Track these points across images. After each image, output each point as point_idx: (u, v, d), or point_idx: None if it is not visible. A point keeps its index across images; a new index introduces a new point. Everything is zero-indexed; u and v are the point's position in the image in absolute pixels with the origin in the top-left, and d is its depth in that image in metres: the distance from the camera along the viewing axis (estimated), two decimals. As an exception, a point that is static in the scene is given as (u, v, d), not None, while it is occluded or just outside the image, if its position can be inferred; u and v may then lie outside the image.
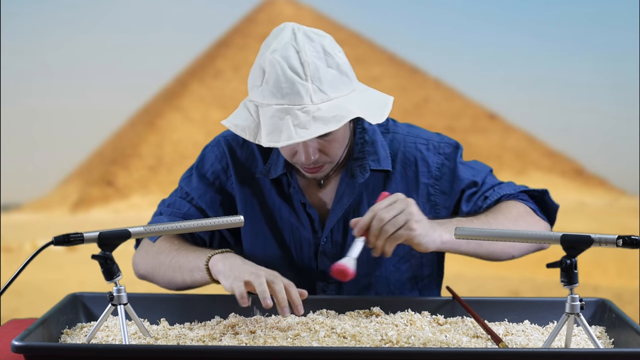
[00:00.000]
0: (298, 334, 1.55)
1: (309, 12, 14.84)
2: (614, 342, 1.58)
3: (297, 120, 1.70)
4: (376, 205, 1.72)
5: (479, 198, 1.94)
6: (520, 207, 1.92)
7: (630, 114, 10.90)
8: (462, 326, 1.65)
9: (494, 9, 13.51)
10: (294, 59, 1.73)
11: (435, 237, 1.74)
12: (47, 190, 12.69)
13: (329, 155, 1.83)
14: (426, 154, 1.95)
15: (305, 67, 1.73)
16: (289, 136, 1.69)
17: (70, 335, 1.62)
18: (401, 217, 1.70)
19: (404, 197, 1.73)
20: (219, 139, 2.01)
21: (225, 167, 1.98)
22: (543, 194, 1.97)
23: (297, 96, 1.72)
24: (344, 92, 1.76)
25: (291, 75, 1.72)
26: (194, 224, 1.61)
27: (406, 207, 1.70)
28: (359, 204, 1.93)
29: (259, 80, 1.75)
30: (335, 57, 1.77)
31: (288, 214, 1.95)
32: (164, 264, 1.87)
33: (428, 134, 1.99)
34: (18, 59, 12.10)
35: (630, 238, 1.43)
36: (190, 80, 14.18)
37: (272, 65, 1.73)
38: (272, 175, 1.93)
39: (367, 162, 1.91)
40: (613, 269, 7.58)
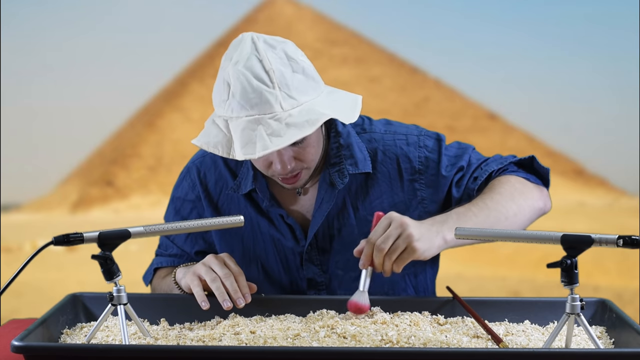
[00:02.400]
0: (298, 334, 1.55)
1: (309, 12, 14.85)
2: (614, 342, 1.58)
3: (270, 129, 1.67)
4: (372, 234, 1.68)
5: (469, 180, 1.90)
6: (512, 180, 1.86)
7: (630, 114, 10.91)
8: (463, 326, 1.65)
9: (494, 9, 13.52)
10: (257, 68, 1.70)
11: (439, 243, 1.71)
12: (47, 190, 12.70)
13: (305, 161, 1.80)
14: (406, 149, 1.91)
15: (271, 75, 1.69)
16: (264, 146, 1.67)
17: (70, 335, 1.62)
18: (400, 242, 1.66)
19: (398, 217, 1.68)
20: (189, 166, 2.00)
21: (198, 196, 1.97)
22: (531, 160, 1.92)
23: (266, 105, 1.69)
24: (312, 95, 1.73)
25: (257, 85, 1.69)
26: (194, 224, 1.61)
27: (402, 231, 1.66)
28: (342, 209, 1.90)
29: (225, 95, 1.72)
30: (300, 61, 1.74)
31: (267, 228, 1.93)
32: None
33: (406, 129, 1.95)
34: (18, 59, 12.11)
35: (631, 238, 1.43)
36: (190, 80, 14.18)
37: (236, 77, 1.69)
38: (243, 190, 1.91)
39: (344, 167, 1.88)
40: (613, 269, 7.59)
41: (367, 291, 1.68)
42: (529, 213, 1.85)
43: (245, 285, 1.72)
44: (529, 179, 1.90)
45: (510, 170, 1.90)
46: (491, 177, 1.89)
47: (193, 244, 1.98)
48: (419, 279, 1.97)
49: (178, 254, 1.98)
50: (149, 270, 2.02)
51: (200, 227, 1.61)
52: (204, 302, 1.70)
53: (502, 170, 1.90)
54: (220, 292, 1.69)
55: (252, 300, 1.72)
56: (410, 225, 1.67)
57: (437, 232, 1.71)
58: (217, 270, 1.72)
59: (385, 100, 12.96)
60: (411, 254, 1.67)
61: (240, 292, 1.70)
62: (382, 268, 1.68)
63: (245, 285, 1.72)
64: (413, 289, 1.96)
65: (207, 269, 1.73)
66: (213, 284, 1.70)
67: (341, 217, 1.90)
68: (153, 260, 2.03)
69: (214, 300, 1.71)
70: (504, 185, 1.84)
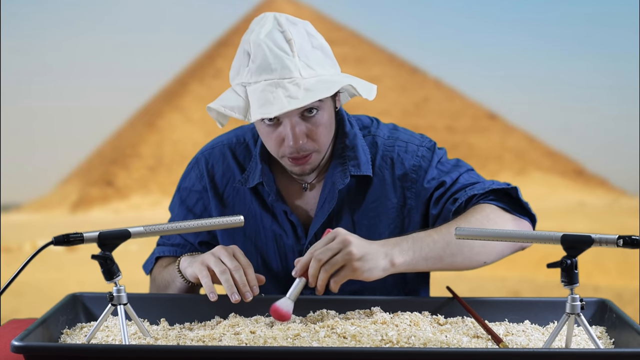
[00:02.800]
0: (298, 334, 1.55)
1: (309, 12, 14.85)
2: (614, 342, 1.58)
3: (288, 92, 1.69)
4: (314, 245, 1.67)
5: (449, 200, 1.85)
6: (488, 209, 1.79)
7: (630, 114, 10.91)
8: (463, 326, 1.65)
9: (494, 9, 13.52)
10: (279, 38, 1.73)
11: (384, 265, 1.67)
12: (47, 190, 12.70)
13: (316, 140, 1.79)
14: (403, 156, 1.90)
15: (291, 44, 1.73)
16: (281, 106, 1.68)
17: (70, 335, 1.62)
18: (339, 257, 1.63)
19: (344, 233, 1.65)
20: (197, 157, 2.00)
21: (205, 187, 1.96)
22: (515, 191, 1.83)
23: (285, 70, 1.71)
24: (330, 72, 1.77)
25: (278, 52, 1.72)
26: (194, 224, 1.61)
27: (344, 247, 1.63)
28: (340, 210, 1.90)
29: (245, 62, 1.75)
30: (319, 39, 1.79)
31: (271, 223, 1.92)
32: (159, 287, 1.93)
33: (409, 137, 1.94)
34: (18, 59, 12.11)
35: (631, 238, 1.43)
36: (190, 80, 14.19)
37: (257, 45, 1.72)
38: (250, 183, 1.91)
39: (347, 168, 1.88)
40: (613, 269, 7.59)
41: (293, 301, 1.63)
42: (499, 246, 1.77)
43: (253, 278, 1.71)
44: (507, 209, 1.82)
45: (490, 199, 1.83)
46: (471, 201, 1.84)
47: (197, 234, 1.97)
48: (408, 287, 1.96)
49: (181, 244, 1.97)
50: (149, 259, 2.00)
51: (201, 227, 1.60)
52: (212, 294, 1.68)
53: (483, 197, 1.83)
54: (229, 284, 1.68)
55: (252, 300, 1.71)
56: (353, 243, 1.64)
57: (385, 254, 1.67)
58: (226, 262, 1.71)
59: (385, 100, 12.97)
60: (350, 272, 1.64)
61: (248, 286, 1.69)
62: (315, 281, 1.64)
63: (254, 278, 1.71)
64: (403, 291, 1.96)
65: (217, 260, 1.71)
66: (222, 276, 1.69)
67: (339, 218, 1.90)
68: (154, 249, 2.02)
69: (214, 299, 1.71)
70: (476, 215, 1.77)
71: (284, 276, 1.92)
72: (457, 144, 12.57)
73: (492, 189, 1.84)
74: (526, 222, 1.85)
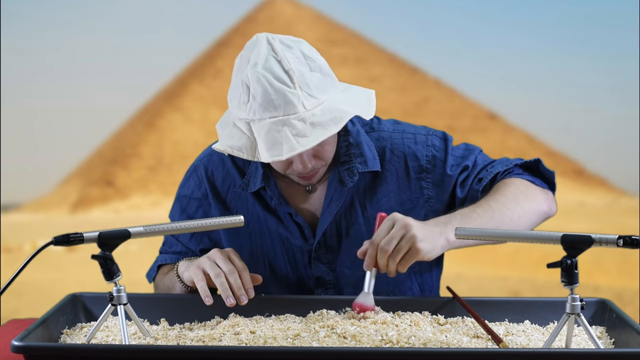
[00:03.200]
0: (298, 334, 1.55)
1: (309, 12, 14.85)
2: (614, 342, 1.58)
3: (296, 130, 1.68)
4: (376, 235, 1.68)
5: (474, 181, 1.89)
6: (517, 182, 1.86)
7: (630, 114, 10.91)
8: (463, 326, 1.65)
9: (494, 9, 13.52)
10: (277, 68, 1.70)
11: (442, 243, 1.71)
12: (47, 190, 12.70)
13: (323, 159, 1.81)
14: (414, 148, 1.92)
15: (291, 75, 1.69)
16: (291, 147, 1.67)
17: (70, 335, 1.62)
18: (403, 244, 1.66)
19: (401, 218, 1.68)
20: (196, 164, 2.00)
21: (205, 194, 1.96)
22: (537, 163, 1.91)
23: (289, 105, 1.68)
24: (330, 93, 1.74)
25: (279, 86, 1.68)
26: (193, 224, 1.61)
27: (406, 232, 1.67)
28: (350, 208, 1.91)
29: (245, 97, 1.71)
30: (316, 60, 1.75)
31: (276, 226, 1.92)
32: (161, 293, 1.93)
33: (414, 128, 1.96)
34: (18, 59, 12.11)
35: (631, 238, 1.43)
36: (190, 80, 14.18)
37: (256, 79, 1.69)
38: (252, 188, 1.90)
39: (354, 165, 1.88)
40: (613, 269, 7.59)
41: (372, 293, 1.68)
42: (533, 216, 1.85)
43: (249, 281, 1.71)
44: (534, 182, 1.89)
45: (516, 173, 1.89)
46: (496, 179, 1.89)
47: (198, 242, 1.97)
48: (425, 277, 1.97)
49: (183, 252, 1.98)
50: (152, 267, 2.01)
51: (201, 227, 1.60)
52: (207, 298, 1.69)
53: (507, 173, 1.90)
54: (224, 288, 1.69)
55: (252, 300, 1.71)
56: (414, 226, 1.67)
57: (440, 233, 1.70)
58: (221, 266, 1.71)
59: (385, 100, 12.96)
60: (415, 255, 1.67)
61: (243, 289, 1.69)
62: (386, 269, 1.68)
63: (249, 281, 1.71)
64: (419, 287, 1.96)
65: (212, 263, 1.72)
66: (217, 280, 1.70)
67: (349, 216, 1.90)
68: (157, 257, 2.02)
69: (214, 299, 1.71)
70: (509, 188, 1.83)
71: (294, 277, 1.92)
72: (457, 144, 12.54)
73: (515, 164, 1.91)
74: (550, 192, 1.93)
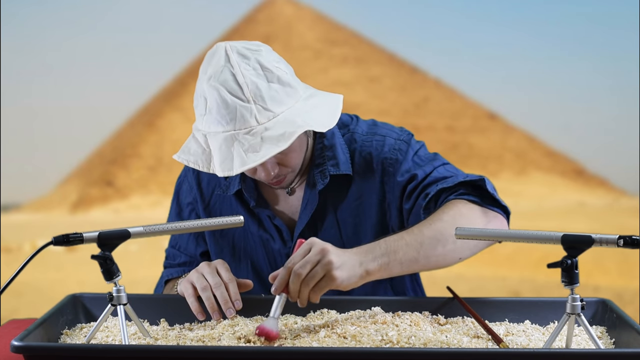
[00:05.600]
0: (298, 335, 1.55)
1: (309, 12, 14.85)
2: (614, 342, 1.58)
3: (247, 145, 1.66)
4: (291, 259, 1.59)
5: (420, 194, 1.83)
6: (459, 205, 1.75)
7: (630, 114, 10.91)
8: (463, 326, 1.65)
9: (494, 9, 13.53)
10: (231, 81, 1.67)
11: (361, 273, 1.61)
12: (46, 191, 12.70)
13: (289, 166, 1.79)
14: (381, 152, 1.88)
15: (244, 89, 1.67)
16: (241, 162, 1.66)
17: (70, 335, 1.62)
18: (319, 269, 1.57)
19: (319, 243, 1.59)
20: (186, 169, 2.00)
21: (195, 198, 1.97)
22: (482, 182, 1.80)
23: (241, 120, 1.66)
24: (289, 104, 1.71)
25: (232, 99, 1.66)
26: (193, 224, 1.61)
27: (322, 258, 1.57)
28: (323, 210, 1.89)
29: (202, 109, 1.71)
30: (274, 70, 1.71)
31: (257, 229, 1.93)
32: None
33: (388, 130, 1.91)
34: (18, 59, 12.11)
35: (631, 238, 1.43)
36: (190, 80, 14.17)
37: (210, 92, 1.68)
38: (231, 190, 1.91)
39: (326, 168, 1.87)
40: (614, 269, 7.59)
41: (278, 319, 1.58)
42: (472, 243, 1.74)
43: (236, 292, 1.69)
44: (479, 202, 1.78)
45: (460, 192, 1.79)
46: (441, 196, 1.81)
47: (196, 245, 1.97)
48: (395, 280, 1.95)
49: (187, 262, 1.98)
50: (159, 282, 2.01)
51: (200, 227, 1.60)
52: (199, 314, 1.69)
53: (452, 190, 1.80)
54: (210, 302, 1.67)
55: (252, 300, 1.71)
56: (331, 252, 1.58)
57: (360, 263, 1.62)
58: (208, 279, 1.70)
59: (385, 100, 12.96)
60: (329, 282, 1.58)
61: (230, 302, 1.67)
62: (297, 296, 1.59)
63: (237, 293, 1.69)
64: (391, 289, 1.95)
65: (199, 276, 1.71)
66: (203, 293, 1.69)
67: (323, 218, 1.89)
68: (162, 272, 2.02)
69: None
70: (449, 212, 1.73)
71: None
72: (457, 144, 12.57)
73: (459, 181, 1.80)
74: (498, 214, 1.80)
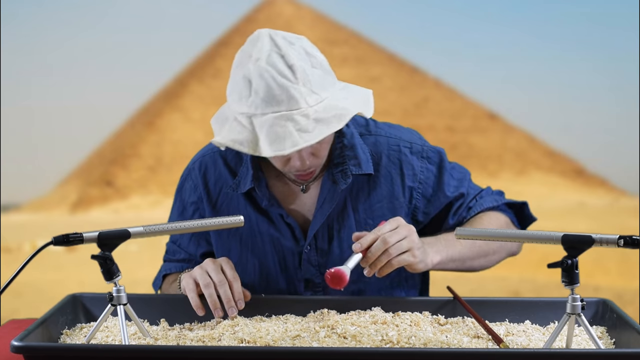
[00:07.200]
0: (298, 335, 1.55)
1: (308, 12, 14.86)
2: (615, 343, 1.58)
3: (299, 125, 1.66)
4: (379, 228, 1.69)
5: (464, 209, 1.94)
6: (502, 218, 1.94)
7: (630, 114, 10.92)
8: (463, 326, 1.65)
9: (494, 9, 13.54)
10: (280, 64, 1.67)
11: (428, 262, 1.76)
12: (46, 191, 12.71)
13: (320, 157, 1.80)
14: (410, 157, 1.93)
15: (294, 71, 1.68)
16: (293, 142, 1.65)
17: (70, 335, 1.62)
18: (405, 243, 1.68)
19: (405, 223, 1.71)
20: (189, 167, 1.98)
21: (200, 198, 1.95)
22: (523, 206, 1.99)
23: (292, 101, 1.66)
24: (330, 91, 1.73)
25: (282, 81, 1.66)
26: (193, 224, 1.60)
27: (409, 235, 1.69)
28: (342, 210, 1.90)
29: (247, 91, 1.70)
30: (317, 57, 1.74)
31: (267, 227, 1.91)
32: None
33: (410, 135, 1.97)
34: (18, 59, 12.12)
35: (632, 238, 1.43)
36: (190, 80, 14.19)
37: (259, 74, 1.68)
38: (242, 189, 1.89)
39: (348, 167, 1.87)
40: (614, 269, 7.59)
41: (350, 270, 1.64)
42: (504, 253, 1.94)
43: (239, 292, 1.70)
44: (514, 222, 1.97)
45: (501, 209, 1.96)
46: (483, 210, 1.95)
47: (196, 246, 1.96)
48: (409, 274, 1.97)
49: (186, 259, 1.97)
50: (158, 276, 2.00)
51: (201, 227, 1.60)
52: (199, 309, 1.69)
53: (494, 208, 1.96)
54: (212, 300, 1.68)
55: (252, 300, 1.71)
56: (415, 233, 1.71)
57: (428, 254, 1.76)
58: (212, 276, 1.70)
59: (385, 100, 12.96)
60: (408, 258, 1.68)
61: (233, 301, 1.68)
62: (374, 261, 1.67)
63: (240, 292, 1.70)
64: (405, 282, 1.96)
65: (203, 272, 1.71)
66: (206, 290, 1.69)
67: (341, 219, 1.89)
68: (161, 266, 2.01)
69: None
70: (492, 221, 1.91)
71: (283, 279, 1.91)
72: (457, 144, 12.57)
73: (505, 202, 1.97)
74: None
